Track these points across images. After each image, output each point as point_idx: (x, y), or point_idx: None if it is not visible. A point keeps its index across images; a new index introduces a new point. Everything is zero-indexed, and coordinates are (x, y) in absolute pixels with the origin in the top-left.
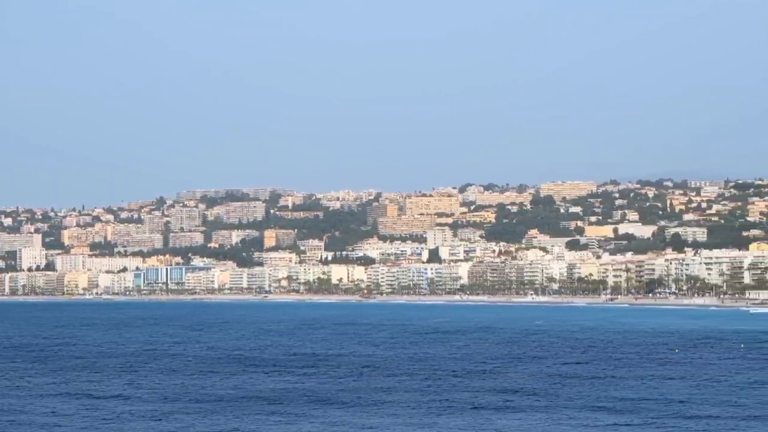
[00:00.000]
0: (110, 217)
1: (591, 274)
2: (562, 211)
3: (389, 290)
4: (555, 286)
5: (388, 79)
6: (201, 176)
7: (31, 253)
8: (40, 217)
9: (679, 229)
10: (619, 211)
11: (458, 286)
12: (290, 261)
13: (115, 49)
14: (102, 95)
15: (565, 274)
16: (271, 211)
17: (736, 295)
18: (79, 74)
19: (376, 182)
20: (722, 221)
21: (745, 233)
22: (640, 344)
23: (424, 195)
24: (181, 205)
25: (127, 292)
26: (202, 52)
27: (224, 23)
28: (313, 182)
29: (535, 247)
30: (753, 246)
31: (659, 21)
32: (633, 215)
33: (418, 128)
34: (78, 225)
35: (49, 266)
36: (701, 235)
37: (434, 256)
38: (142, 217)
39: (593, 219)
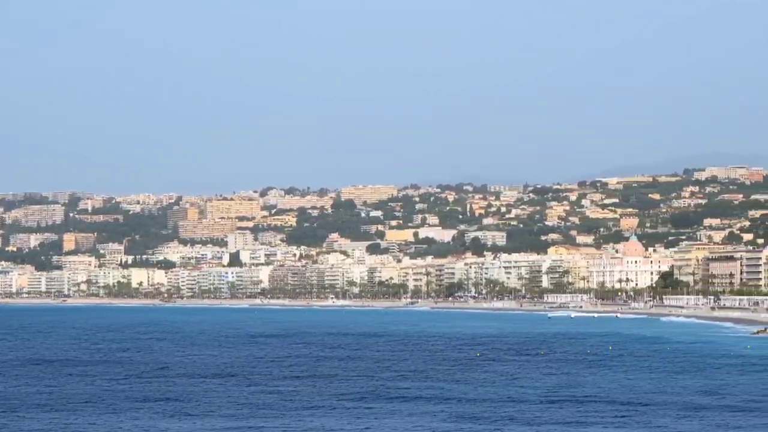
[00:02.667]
0: None
1: (391, 278)
2: (362, 215)
3: (190, 294)
4: (356, 290)
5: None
6: None
7: None
8: None
9: (479, 233)
10: (420, 216)
11: (259, 290)
12: (90, 265)
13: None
14: None
15: (366, 277)
16: (71, 214)
17: (535, 299)
18: None
19: (177, 186)
20: (521, 225)
21: (543, 237)
22: (453, 348)
23: (225, 199)
24: None
25: None
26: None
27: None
28: (112, 186)
29: (336, 251)
30: (551, 250)
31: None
32: (433, 219)
33: (220, 131)
34: None
35: None
36: (501, 239)
37: (235, 260)
38: None
39: (394, 223)
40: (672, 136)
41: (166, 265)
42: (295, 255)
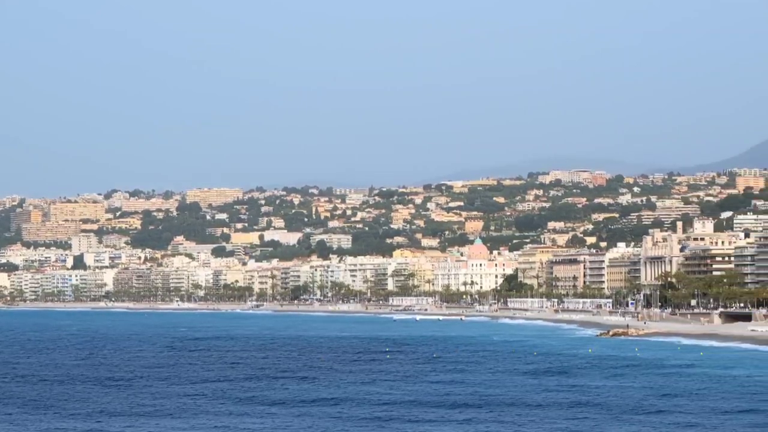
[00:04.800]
0: None
1: (237, 281)
2: (208, 217)
3: (33, 297)
4: (201, 293)
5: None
6: None
7: None
8: None
9: (325, 236)
10: (265, 218)
11: (103, 293)
12: None
13: None
14: None
15: (211, 280)
16: None
17: (380, 302)
18: None
19: (20, 188)
20: (366, 228)
21: (388, 240)
22: (299, 351)
23: (69, 201)
24: None
25: None
26: None
27: None
28: None
29: (181, 254)
30: (397, 253)
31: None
32: (279, 222)
33: (64, 133)
34: None
35: None
36: (346, 242)
37: (79, 263)
38: None
39: (239, 226)
40: (516, 140)
41: (9, 267)
42: (140, 258)
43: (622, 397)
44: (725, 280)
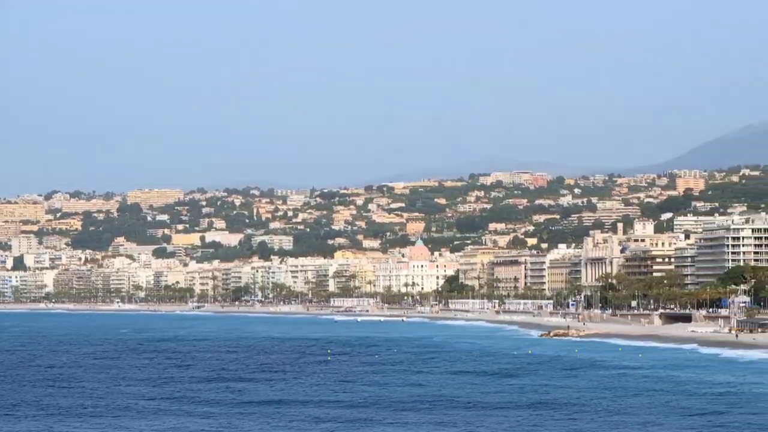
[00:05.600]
0: None
1: (178, 282)
2: (149, 218)
3: None
4: (142, 294)
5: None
6: None
7: None
8: None
9: (266, 238)
10: (206, 220)
11: (44, 294)
12: None
13: None
14: None
15: (152, 282)
16: None
17: (322, 303)
18: None
19: None
20: (308, 230)
21: (330, 241)
22: (246, 353)
23: (9, 202)
24: None
25: None
26: None
27: None
28: None
29: (121, 255)
30: (338, 254)
31: None
32: (220, 223)
33: (4, 133)
34: None
35: None
36: (287, 243)
37: (19, 264)
38: None
39: (180, 227)
40: (457, 142)
41: None
42: (80, 259)
43: (562, 397)
44: (665, 281)
